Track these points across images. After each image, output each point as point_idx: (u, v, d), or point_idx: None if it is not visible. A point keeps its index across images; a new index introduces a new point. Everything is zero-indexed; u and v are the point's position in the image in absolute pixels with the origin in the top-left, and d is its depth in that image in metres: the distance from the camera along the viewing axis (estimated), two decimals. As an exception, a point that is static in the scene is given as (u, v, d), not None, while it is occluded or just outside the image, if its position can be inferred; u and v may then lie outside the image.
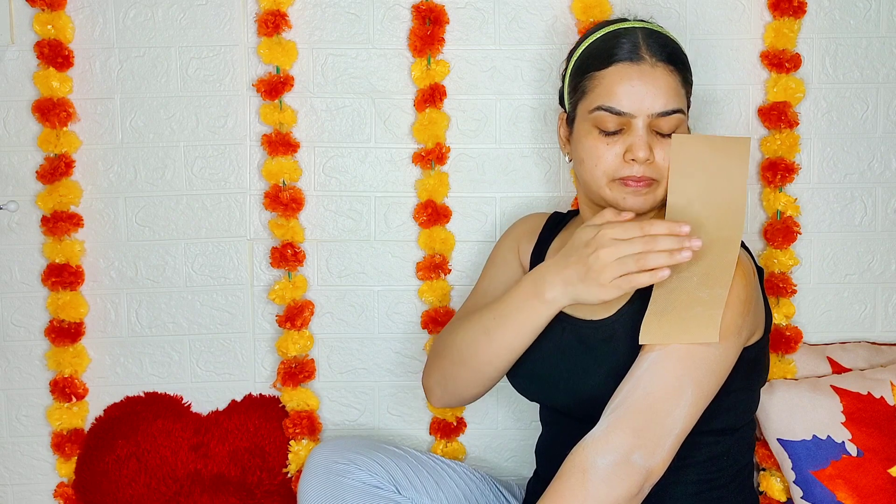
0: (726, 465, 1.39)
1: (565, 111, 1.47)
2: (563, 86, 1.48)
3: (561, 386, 1.39)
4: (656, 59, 1.35)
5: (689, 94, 1.40)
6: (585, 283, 1.27)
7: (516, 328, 1.37)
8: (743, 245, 1.39)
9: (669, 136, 1.35)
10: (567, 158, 1.47)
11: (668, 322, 1.25)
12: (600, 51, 1.39)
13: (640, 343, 1.26)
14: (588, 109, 1.37)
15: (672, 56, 1.37)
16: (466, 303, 1.61)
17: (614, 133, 1.35)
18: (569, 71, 1.45)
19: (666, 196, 1.35)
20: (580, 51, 1.44)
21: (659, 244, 1.24)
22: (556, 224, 1.59)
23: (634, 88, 1.33)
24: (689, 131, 1.41)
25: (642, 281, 1.24)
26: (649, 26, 1.41)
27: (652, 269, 1.23)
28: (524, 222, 1.64)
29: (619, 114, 1.34)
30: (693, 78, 1.43)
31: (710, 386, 1.25)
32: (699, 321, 1.24)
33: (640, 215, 1.37)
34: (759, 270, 1.42)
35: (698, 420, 1.25)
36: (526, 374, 1.45)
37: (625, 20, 1.44)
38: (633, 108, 1.33)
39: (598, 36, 1.42)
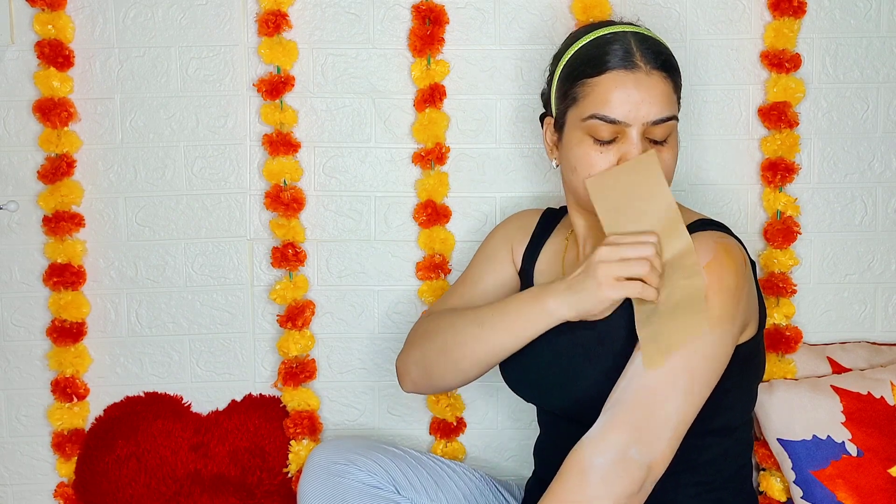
0: (724, 467, 1.39)
1: (551, 116, 1.44)
2: (549, 90, 1.45)
3: (555, 389, 1.39)
4: (651, 67, 1.32)
5: (679, 98, 1.39)
6: (585, 284, 1.28)
7: (512, 328, 1.36)
8: (735, 237, 1.38)
9: (663, 143, 1.34)
10: (554, 164, 1.44)
11: (662, 337, 1.25)
12: (592, 57, 1.35)
13: (645, 368, 1.24)
14: (580, 117, 1.34)
15: (666, 63, 1.34)
16: (453, 291, 1.59)
17: (608, 142, 1.33)
18: (556, 76, 1.42)
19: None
20: (569, 55, 1.39)
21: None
22: (549, 222, 1.58)
23: (630, 97, 1.30)
24: (677, 134, 1.40)
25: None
26: (640, 31, 1.38)
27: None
28: (518, 218, 1.62)
29: (613, 122, 1.31)
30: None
31: (707, 375, 1.24)
32: (686, 321, 1.24)
33: None
34: (752, 263, 1.41)
35: (697, 420, 1.25)
36: (519, 376, 1.44)
37: (613, 23, 1.40)
38: (628, 116, 1.31)
39: (588, 40, 1.38)
